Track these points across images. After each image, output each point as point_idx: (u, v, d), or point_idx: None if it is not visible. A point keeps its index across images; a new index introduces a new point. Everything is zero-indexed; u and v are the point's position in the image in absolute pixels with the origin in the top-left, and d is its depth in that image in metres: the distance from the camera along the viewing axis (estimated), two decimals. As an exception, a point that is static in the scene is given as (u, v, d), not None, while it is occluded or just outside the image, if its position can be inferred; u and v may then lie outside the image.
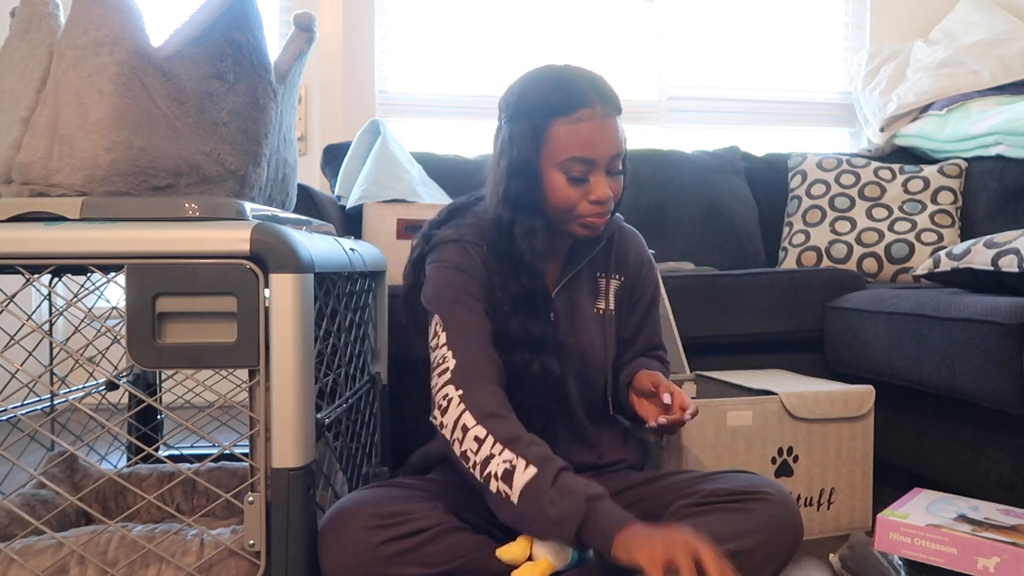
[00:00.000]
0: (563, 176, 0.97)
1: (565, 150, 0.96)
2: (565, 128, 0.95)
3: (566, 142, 0.95)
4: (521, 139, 0.97)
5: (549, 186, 0.98)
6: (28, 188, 0.94)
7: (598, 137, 0.95)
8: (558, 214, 1.01)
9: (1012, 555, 0.96)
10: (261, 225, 0.85)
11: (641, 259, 1.16)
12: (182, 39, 0.96)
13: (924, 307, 1.38)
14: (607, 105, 0.98)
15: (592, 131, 0.95)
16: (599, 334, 1.11)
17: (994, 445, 1.30)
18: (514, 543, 0.91)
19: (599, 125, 0.96)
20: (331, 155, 2.28)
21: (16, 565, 0.86)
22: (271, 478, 0.86)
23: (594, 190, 0.97)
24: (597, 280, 1.12)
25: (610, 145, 0.97)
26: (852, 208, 2.24)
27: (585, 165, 0.96)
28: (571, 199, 0.98)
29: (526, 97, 0.99)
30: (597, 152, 0.96)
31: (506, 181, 0.99)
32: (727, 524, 0.90)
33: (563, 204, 0.98)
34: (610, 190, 0.99)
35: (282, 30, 2.68)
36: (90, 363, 0.94)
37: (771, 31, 2.88)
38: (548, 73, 1.00)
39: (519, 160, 0.98)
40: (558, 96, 0.97)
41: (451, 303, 0.99)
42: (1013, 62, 2.36)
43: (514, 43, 2.73)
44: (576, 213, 0.99)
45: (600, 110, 0.96)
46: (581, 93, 0.96)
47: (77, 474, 1.23)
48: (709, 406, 1.27)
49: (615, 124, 0.98)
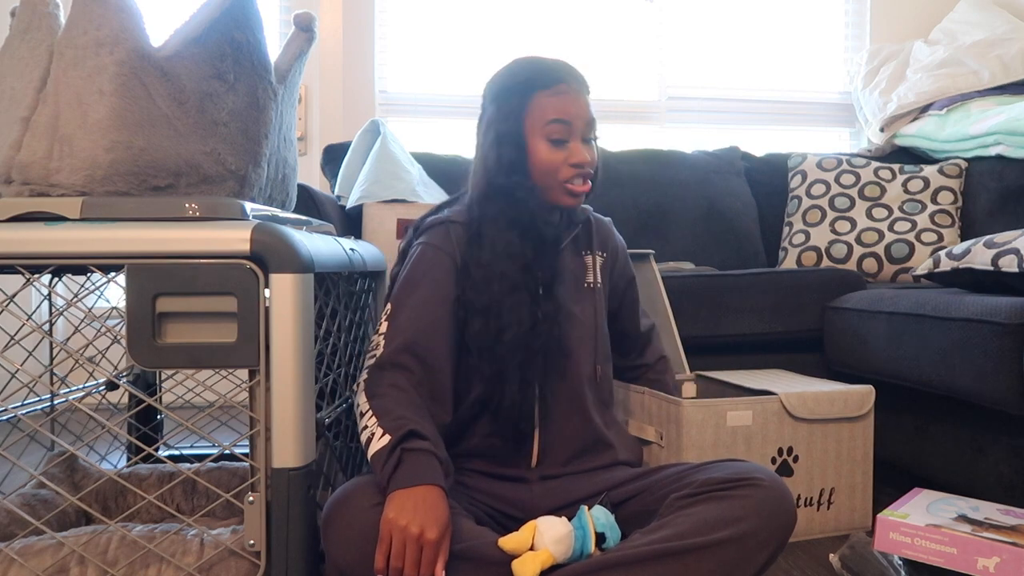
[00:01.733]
0: (545, 141, 1.08)
1: (545, 117, 1.08)
2: (546, 98, 1.08)
3: (547, 110, 1.08)
4: (508, 113, 1.10)
5: (533, 152, 1.09)
6: (28, 188, 0.94)
7: (574, 106, 1.09)
8: (544, 179, 1.10)
9: (1012, 555, 0.96)
10: (261, 225, 0.85)
11: (617, 242, 1.27)
12: (182, 39, 0.96)
13: (924, 307, 1.38)
14: (579, 83, 1.12)
15: (569, 100, 1.09)
16: (591, 305, 1.18)
17: (994, 445, 1.30)
18: (516, 533, 0.92)
19: (574, 97, 1.10)
20: (331, 155, 2.28)
21: (16, 565, 0.86)
22: (271, 478, 0.86)
23: (573, 153, 1.08)
24: (583, 257, 1.20)
25: (584, 113, 1.10)
26: (852, 208, 2.24)
27: (564, 127, 1.08)
28: (554, 162, 1.08)
29: (510, 78, 1.12)
30: (574, 117, 1.08)
31: (497, 150, 1.10)
32: (720, 512, 0.90)
33: (546, 167, 1.09)
34: (590, 155, 1.10)
35: (282, 30, 2.68)
36: (90, 363, 0.94)
37: (771, 31, 2.88)
38: (528, 59, 1.14)
39: (507, 132, 1.09)
40: (539, 73, 1.10)
41: (409, 290, 1.08)
42: (1013, 62, 2.36)
43: (514, 43, 2.73)
44: (559, 178, 1.09)
45: (574, 85, 1.11)
46: (559, 71, 1.11)
47: (77, 474, 1.23)
48: (709, 406, 1.27)
49: (587, 100, 1.12)
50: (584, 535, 0.94)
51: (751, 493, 0.93)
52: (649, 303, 1.57)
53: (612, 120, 2.78)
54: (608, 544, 0.95)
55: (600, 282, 1.20)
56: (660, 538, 0.88)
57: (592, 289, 1.19)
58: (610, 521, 0.97)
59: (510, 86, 1.11)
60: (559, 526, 0.93)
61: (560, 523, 0.93)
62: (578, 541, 0.93)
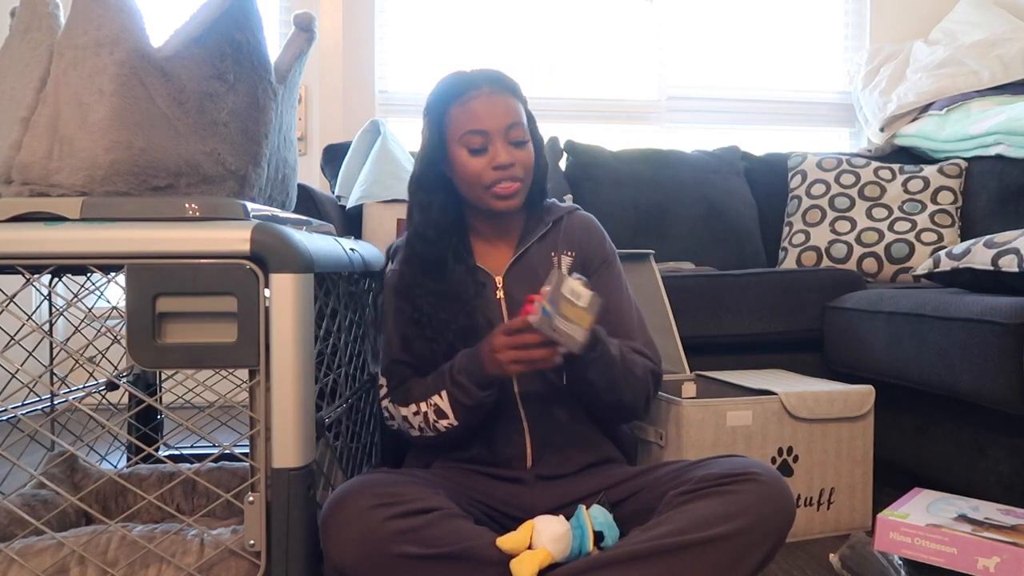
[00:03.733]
0: (464, 150, 1.09)
1: (461, 126, 1.08)
2: (458, 109, 1.09)
3: (461, 120, 1.08)
4: (429, 129, 1.12)
5: (457, 163, 1.10)
6: (28, 188, 0.94)
7: (485, 110, 1.08)
8: (470, 189, 1.10)
9: (1012, 555, 0.96)
10: (261, 225, 0.85)
11: (590, 231, 1.22)
12: (182, 39, 0.96)
13: (924, 307, 1.38)
14: (495, 85, 1.10)
15: (479, 106, 1.08)
16: None
17: (994, 445, 1.30)
18: (514, 533, 0.92)
19: (486, 100, 1.08)
20: (331, 155, 2.28)
21: (16, 565, 0.86)
22: (271, 478, 0.86)
23: (494, 157, 1.08)
24: (551, 258, 1.18)
25: (501, 116, 1.08)
26: (852, 208, 2.24)
27: (480, 136, 1.08)
28: (476, 169, 1.08)
29: (432, 95, 1.13)
30: (488, 123, 1.07)
31: (420, 166, 1.14)
32: (718, 507, 0.90)
33: (470, 176, 1.09)
34: (512, 157, 1.08)
35: (282, 30, 2.68)
36: (90, 363, 0.94)
37: (771, 31, 2.88)
38: (449, 75, 1.14)
39: (429, 147, 1.12)
40: (452, 86, 1.11)
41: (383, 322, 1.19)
42: (1013, 62, 2.36)
43: (514, 43, 2.73)
44: (484, 183, 1.09)
45: (487, 89, 1.09)
46: (470, 80, 1.10)
47: (77, 474, 1.23)
48: (709, 406, 1.27)
49: (505, 100, 1.10)
50: (582, 534, 0.94)
51: (750, 488, 0.93)
52: (649, 303, 1.57)
53: (612, 120, 2.78)
54: (606, 543, 0.95)
55: None
56: (658, 535, 0.89)
57: None
58: (608, 520, 0.97)
59: (431, 103, 1.13)
60: (557, 525, 0.93)
61: (558, 522, 0.94)
62: (576, 540, 0.93)
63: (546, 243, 1.18)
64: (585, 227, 1.22)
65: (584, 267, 1.19)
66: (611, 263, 1.21)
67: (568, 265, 1.17)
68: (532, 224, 1.18)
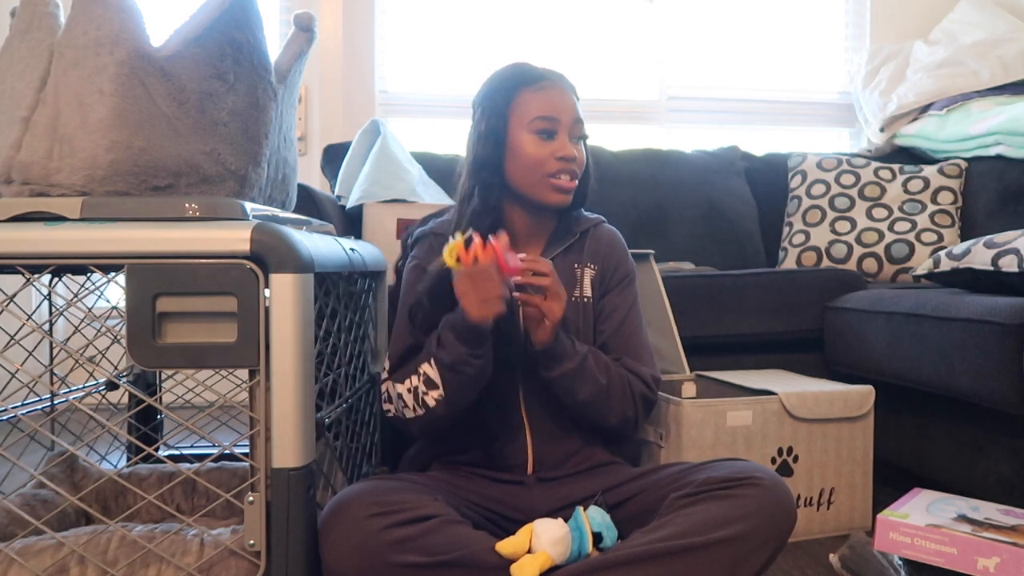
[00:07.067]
0: (531, 135, 1.07)
1: (533, 111, 1.07)
2: (531, 94, 1.08)
3: (532, 105, 1.07)
4: (491, 112, 1.09)
5: (518, 148, 1.08)
6: (28, 188, 0.94)
7: (560, 101, 1.08)
8: (528, 175, 1.08)
9: (1012, 555, 0.96)
10: (261, 225, 0.85)
11: (613, 246, 1.21)
12: (182, 39, 0.96)
13: (924, 307, 1.38)
14: (565, 81, 1.12)
15: (555, 95, 1.08)
16: (579, 318, 1.15)
17: (994, 445, 1.30)
18: (513, 537, 0.92)
19: (561, 92, 1.09)
20: (331, 155, 2.28)
21: (16, 565, 0.86)
22: (271, 478, 0.86)
23: (560, 147, 1.07)
24: (574, 270, 1.17)
25: (572, 110, 1.08)
26: (852, 208, 2.24)
27: (550, 123, 1.07)
28: (539, 156, 1.07)
29: (496, 79, 1.12)
30: (561, 112, 1.07)
31: (475, 150, 1.10)
32: (720, 511, 0.90)
33: (531, 162, 1.07)
34: (575, 151, 1.08)
35: (282, 30, 2.68)
36: (90, 363, 0.94)
37: (771, 31, 2.88)
38: (514, 63, 1.14)
39: (488, 130, 1.09)
40: (525, 73, 1.10)
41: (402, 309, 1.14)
42: (1013, 62, 2.36)
43: (514, 43, 2.73)
44: (545, 172, 1.07)
45: (560, 84, 1.10)
46: (544, 71, 1.11)
47: (77, 474, 1.23)
48: (709, 406, 1.27)
49: (572, 97, 1.11)
50: (581, 536, 0.94)
51: (751, 492, 0.92)
52: (649, 303, 1.57)
53: (612, 120, 2.78)
54: (605, 544, 0.95)
55: (589, 296, 1.16)
56: (659, 537, 0.89)
57: (581, 303, 1.16)
58: (606, 521, 0.97)
59: (496, 86, 1.11)
60: (556, 528, 0.93)
61: (556, 525, 0.94)
62: (575, 542, 0.93)
63: (571, 255, 1.17)
64: (609, 242, 1.21)
65: (603, 282, 1.18)
66: (630, 281, 1.21)
67: (590, 278, 1.17)
68: (560, 232, 1.17)
